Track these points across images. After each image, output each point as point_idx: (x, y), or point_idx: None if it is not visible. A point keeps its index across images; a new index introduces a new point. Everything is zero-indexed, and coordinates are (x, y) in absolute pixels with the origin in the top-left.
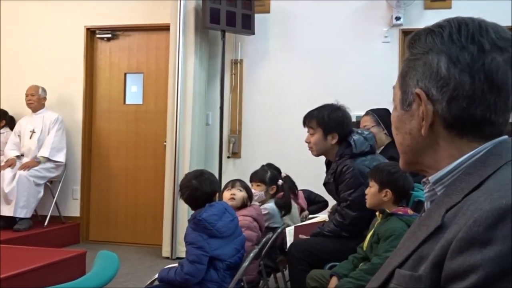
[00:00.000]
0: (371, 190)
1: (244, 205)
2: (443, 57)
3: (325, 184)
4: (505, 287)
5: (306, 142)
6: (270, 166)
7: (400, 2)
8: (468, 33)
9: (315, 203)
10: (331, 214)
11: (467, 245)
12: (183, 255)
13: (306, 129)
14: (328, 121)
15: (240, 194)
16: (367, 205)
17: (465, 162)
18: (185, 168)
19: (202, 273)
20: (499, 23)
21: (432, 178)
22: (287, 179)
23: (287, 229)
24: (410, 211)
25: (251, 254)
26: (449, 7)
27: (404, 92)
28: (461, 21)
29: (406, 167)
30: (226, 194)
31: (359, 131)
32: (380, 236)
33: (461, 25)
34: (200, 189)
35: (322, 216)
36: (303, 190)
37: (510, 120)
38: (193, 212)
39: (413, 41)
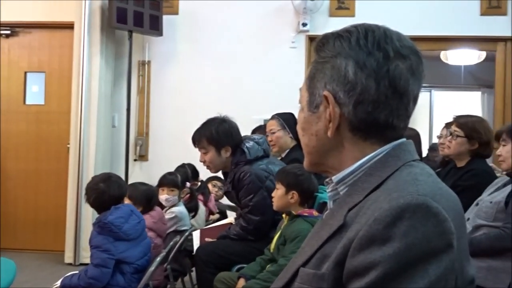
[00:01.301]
0: (278, 193)
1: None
2: (350, 62)
3: (226, 193)
4: (403, 282)
5: (201, 161)
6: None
7: (306, 9)
8: (374, 40)
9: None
10: (237, 218)
11: (368, 243)
12: (87, 261)
13: None
14: (217, 137)
15: None
16: (274, 207)
17: (367, 163)
18: (90, 171)
19: (107, 277)
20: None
21: (335, 178)
22: (203, 183)
23: (194, 233)
24: (315, 213)
25: (158, 258)
26: (353, 15)
27: (311, 94)
28: (367, 28)
29: (310, 168)
30: None
31: (251, 137)
32: (286, 237)
33: (368, 31)
34: (107, 193)
35: (228, 219)
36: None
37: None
38: (98, 216)
39: (322, 44)
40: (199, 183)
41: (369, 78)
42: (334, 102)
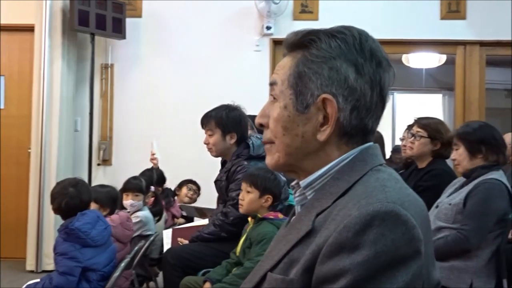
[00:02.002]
0: (251, 196)
1: None
2: (351, 66)
3: (216, 182)
4: None
5: (205, 143)
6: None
7: (270, 12)
8: (368, 46)
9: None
10: (211, 217)
11: (337, 250)
12: (49, 268)
13: (182, 135)
14: (226, 121)
15: None
16: (243, 210)
17: (334, 167)
18: (52, 176)
19: (73, 285)
20: None
21: (302, 182)
22: (167, 190)
23: (164, 232)
24: (280, 215)
25: (122, 264)
26: (316, 19)
27: (300, 93)
28: (360, 32)
29: (281, 168)
30: None
31: (258, 136)
32: (252, 240)
33: (361, 36)
34: (78, 197)
35: (203, 221)
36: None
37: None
38: (62, 222)
39: (311, 41)
40: (163, 189)
41: (366, 84)
42: (336, 106)
